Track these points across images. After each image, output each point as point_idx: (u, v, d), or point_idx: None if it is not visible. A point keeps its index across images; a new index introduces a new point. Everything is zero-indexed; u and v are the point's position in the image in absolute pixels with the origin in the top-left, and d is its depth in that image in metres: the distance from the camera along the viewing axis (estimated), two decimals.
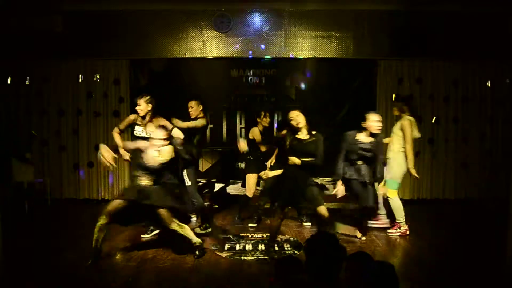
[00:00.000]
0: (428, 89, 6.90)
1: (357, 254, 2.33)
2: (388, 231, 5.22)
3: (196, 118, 5.17)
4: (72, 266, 4.16)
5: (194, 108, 5.18)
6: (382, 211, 5.46)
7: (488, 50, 6.68)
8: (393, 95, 6.81)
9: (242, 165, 6.05)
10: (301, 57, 7.04)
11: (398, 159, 5.14)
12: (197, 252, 4.34)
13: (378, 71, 6.87)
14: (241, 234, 5.24)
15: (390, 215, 5.35)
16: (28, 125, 6.86)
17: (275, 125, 7.47)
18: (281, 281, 2.30)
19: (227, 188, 7.39)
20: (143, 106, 4.78)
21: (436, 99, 6.92)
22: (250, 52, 6.96)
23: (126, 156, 4.76)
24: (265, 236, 5.17)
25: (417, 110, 6.31)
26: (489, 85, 6.90)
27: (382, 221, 5.44)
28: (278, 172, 4.79)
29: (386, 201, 5.32)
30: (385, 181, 5.11)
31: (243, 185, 6.02)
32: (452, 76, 6.91)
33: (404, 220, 5.16)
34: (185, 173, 5.10)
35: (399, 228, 5.16)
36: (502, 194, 5.49)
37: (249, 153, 5.63)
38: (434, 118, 6.86)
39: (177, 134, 4.71)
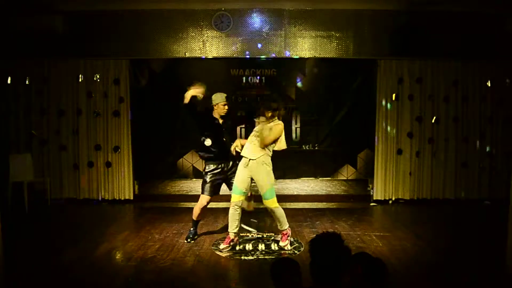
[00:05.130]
0: (428, 89, 6.89)
1: (359, 255, 2.28)
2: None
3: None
4: (72, 266, 4.17)
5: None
6: None
7: (488, 50, 6.67)
8: (393, 95, 6.82)
9: None
10: (301, 57, 7.04)
11: None
12: None
13: (378, 71, 6.86)
14: (241, 234, 5.23)
15: None
16: (28, 125, 6.85)
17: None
18: (277, 283, 2.29)
19: None
20: None
21: (436, 99, 6.91)
22: (250, 52, 6.96)
23: None
24: (265, 236, 5.18)
25: None
26: (489, 85, 6.89)
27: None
28: None
29: None
30: None
31: None
32: (452, 76, 6.89)
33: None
34: None
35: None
36: (502, 194, 5.50)
37: None
38: (434, 118, 6.85)
39: None
